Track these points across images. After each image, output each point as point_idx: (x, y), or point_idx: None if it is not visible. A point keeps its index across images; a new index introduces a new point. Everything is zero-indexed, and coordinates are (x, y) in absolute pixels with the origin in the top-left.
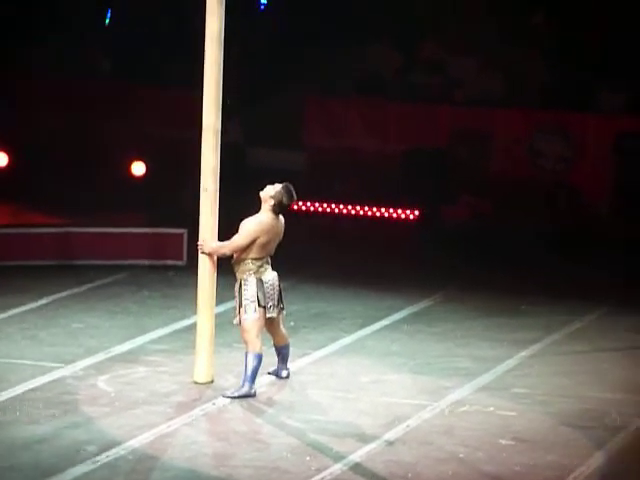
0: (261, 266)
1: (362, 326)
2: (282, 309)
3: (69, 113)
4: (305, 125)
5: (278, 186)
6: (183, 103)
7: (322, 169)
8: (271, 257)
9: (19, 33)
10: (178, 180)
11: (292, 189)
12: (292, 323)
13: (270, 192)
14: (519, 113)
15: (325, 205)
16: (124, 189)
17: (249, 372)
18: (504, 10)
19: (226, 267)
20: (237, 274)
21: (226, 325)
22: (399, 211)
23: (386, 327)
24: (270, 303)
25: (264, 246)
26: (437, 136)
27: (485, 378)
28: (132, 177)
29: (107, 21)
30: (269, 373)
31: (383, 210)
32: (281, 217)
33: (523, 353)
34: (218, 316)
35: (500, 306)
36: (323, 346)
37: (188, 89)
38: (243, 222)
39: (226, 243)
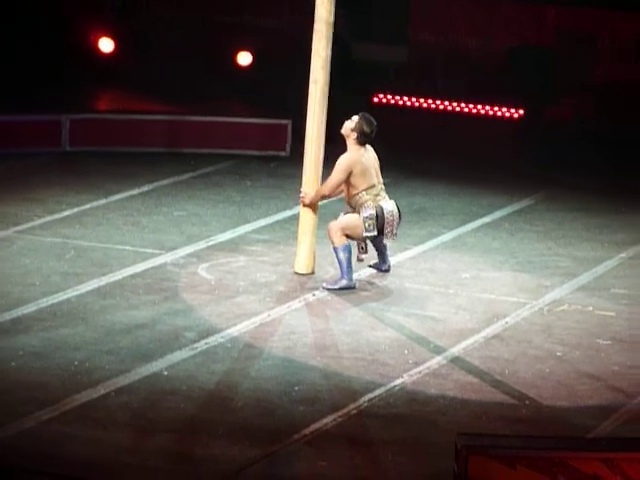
0: (377, 194)
1: (463, 222)
2: (395, 235)
3: (178, 4)
4: (410, 20)
5: (355, 117)
6: None
7: (426, 64)
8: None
9: None
10: (285, 71)
11: (369, 116)
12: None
13: (350, 125)
14: (625, 14)
15: (430, 101)
16: (230, 79)
17: (344, 264)
18: None
19: (331, 158)
20: (356, 209)
21: (329, 217)
22: (503, 109)
23: (487, 224)
24: (388, 229)
25: (364, 175)
26: (542, 35)
27: (585, 278)
28: (238, 67)
29: None
30: (370, 266)
31: (488, 108)
32: (369, 147)
33: (623, 254)
34: (321, 207)
35: (601, 207)
36: (423, 241)
37: None
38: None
39: (322, 186)
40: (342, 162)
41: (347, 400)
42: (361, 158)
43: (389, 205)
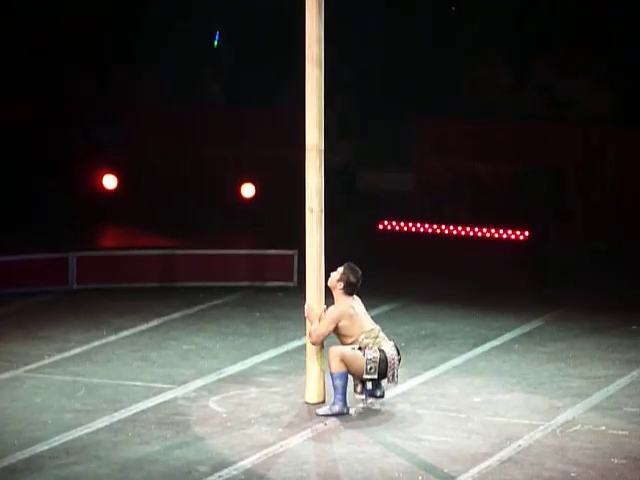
0: (377, 337)
1: (473, 346)
2: (396, 378)
3: (179, 137)
4: (416, 147)
5: (340, 268)
6: (291, 125)
7: (431, 190)
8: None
9: (129, 58)
10: (288, 201)
11: (354, 266)
12: (403, 344)
13: (335, 277)
14: (631, 133)
15: (435, 226)
16: (234, 211)
17: (339, 390)
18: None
19: None
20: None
21: (335, 340)
22: (509, 231)
23: (497, 347)
24: (391, 372)
25: (355, 324)
26: (548, 156)
27: (597, 397)
28: (242, 199)
29: (216, 43)
30: (364, 394)
31: (493, 230)
32: (356, 297)
33: (635, 372)
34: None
35: (612, 325)
36: (434, 366)
37: (297, 110)
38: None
39: (312, 333)
40: (329, 314)
41: None
42: (349, 309)
43: (390, 349)
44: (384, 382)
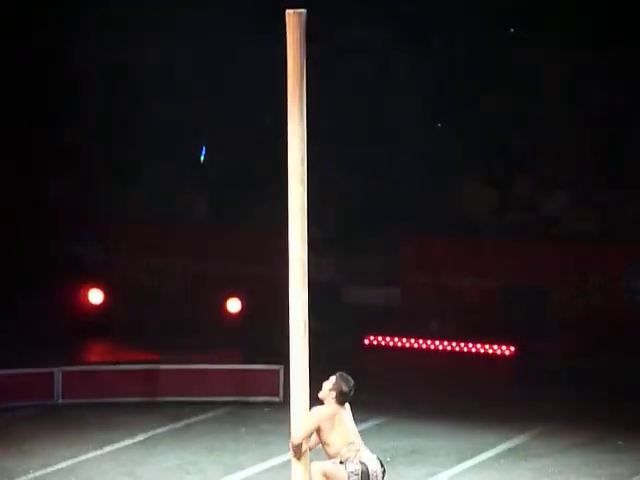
0: (358, 450)
1: (458, 462)
2: None
3: (163, 253)
4: (401, 263)
5: (332, 378)
6: (275, 240)
7: (417, 305)
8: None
9: (113, 176)
10: (273, 317)
11: (347, 375)
12: (389, 459)
13: (327, 386)
14: (614, 249)
15: (421, 341)
16: (220, 326)
17: None
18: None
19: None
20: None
21: (319, 454)
22: (495, 347)
23: (483, 462)
24: None
25: (339, 432)
26: (532, 273)
27: None
28: (228, 314)
29: (202, 158)
30: None
31: (479, 346)
32: (347, 407)
33: None
34: (312, 453)
35: (598, 441)
36: None
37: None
38: None
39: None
40: (313, 412)
41: None
42: (335, 415)
43: (373, 463)
44: None
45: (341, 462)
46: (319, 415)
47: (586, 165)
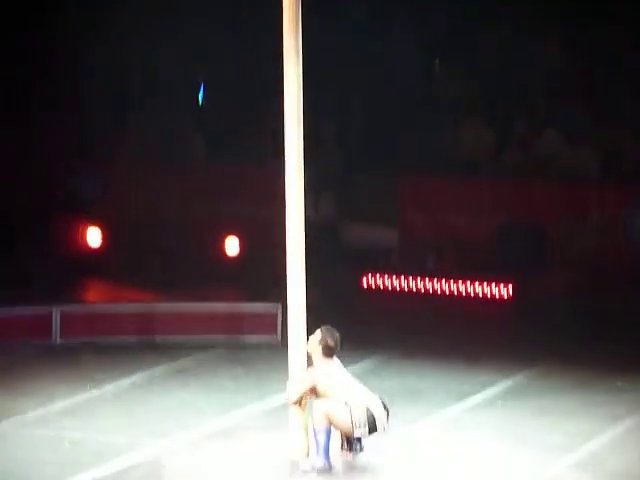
0: (359, 399)
1: (456, 401)
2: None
3: (163, 193)
4: (399, 203)
5: (317, 331)
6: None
7: (415, 245)
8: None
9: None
10: (271, 257)
11: (332, 329)
12: (386, 399)
13: (313, 341)
14: (613, 189)
15: (419, 279)
16: (218, 267)
17: (321, 445)
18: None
19: None
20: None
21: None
22: (493, 285)
23: (480, 402)
24: (381, 426)
25: (335, 388)
26: (531, 212)
27: (580, 453)
28: (226, 255)
29: (200, 100)
30: (351, 451)
31: (477, 285)
32: (336, 359)
33: (619, 429)
34: None
35: (596, 382)
36: (417, 421)
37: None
38: None
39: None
40: (304, 374)
41: None
42: (328, 372)
43: (377, 408)
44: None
45: (346, 403)
46: (312, 372)
47: (586, 104)
